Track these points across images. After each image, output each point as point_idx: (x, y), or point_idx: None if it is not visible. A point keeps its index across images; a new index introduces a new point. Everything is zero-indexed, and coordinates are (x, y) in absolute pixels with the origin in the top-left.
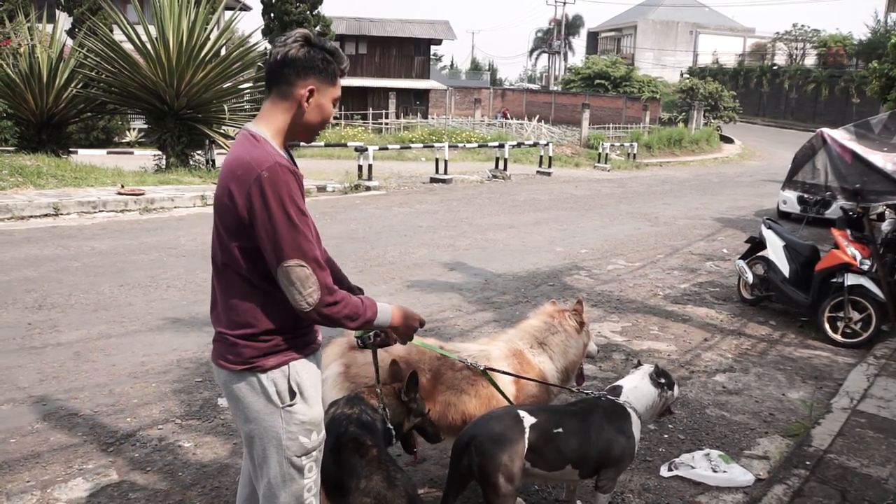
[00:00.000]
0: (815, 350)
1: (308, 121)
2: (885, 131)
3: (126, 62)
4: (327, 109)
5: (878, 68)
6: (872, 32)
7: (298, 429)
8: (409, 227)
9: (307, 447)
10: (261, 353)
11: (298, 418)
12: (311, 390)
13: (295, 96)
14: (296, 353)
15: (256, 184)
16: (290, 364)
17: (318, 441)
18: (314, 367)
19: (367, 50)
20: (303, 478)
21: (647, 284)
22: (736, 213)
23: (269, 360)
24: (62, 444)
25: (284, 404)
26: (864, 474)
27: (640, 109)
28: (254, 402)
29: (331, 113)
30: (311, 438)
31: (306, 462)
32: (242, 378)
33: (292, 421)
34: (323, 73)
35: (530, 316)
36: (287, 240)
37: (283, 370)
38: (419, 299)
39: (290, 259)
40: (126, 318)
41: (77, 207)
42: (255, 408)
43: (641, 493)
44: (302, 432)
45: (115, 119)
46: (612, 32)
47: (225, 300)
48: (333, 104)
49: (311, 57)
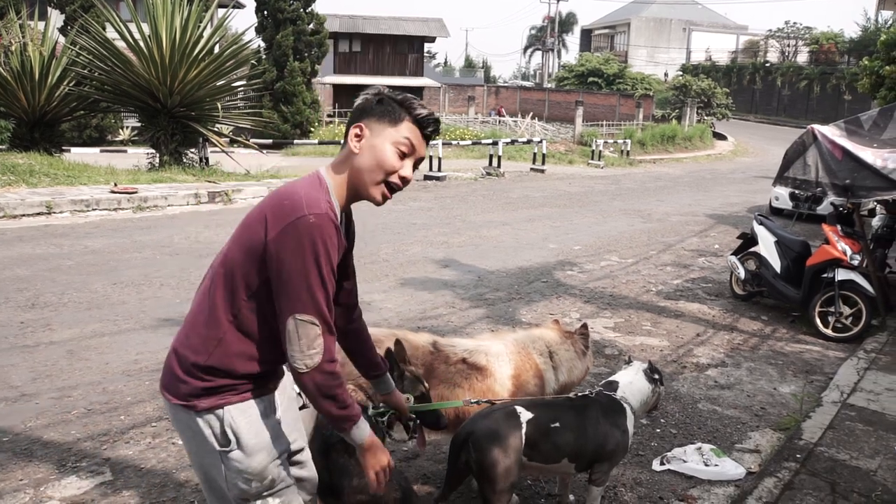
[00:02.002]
0: (807, 345)
1: (360, 166)
2: (874, 128)
3: (119, 60)
4: (383, 149)
5: (868, 65)
6: (863, 30)
7: (236, 476)
8: (402, 224)
9: (249, 493)
10: (195, 391)
11: (235, 466)
12: (251, 438)
13: (347, 141)
14: (235, 395)
15: (300, 224)
16: (226, 409)
17: (264, 488)
18: (257, 412)
19: (361, 47)
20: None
21: (640, 280)
22: (728, 209)
23: (203, 402)
24: (55, 443)
25: (220, 448)
26: (854, 466)
27: (633, 106)
28: (190, 438)
29: (388, 155)
30: (252, 486)
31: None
32: (180, 413)
33: (230, 467)
34: (379, 115)
35: (540, 325)
36: (310, 293)
37: (217, 413)
38: (412, 296)
39: (306, 313)
40: (119, 316)
41: (70, 206)
42: (193, 446)
43: (634, 487)
44: (241, 480)
45: (108, 117)
46: (605, 30)
47: (192, 319)
48: (398, 147)
49: (367, 100)
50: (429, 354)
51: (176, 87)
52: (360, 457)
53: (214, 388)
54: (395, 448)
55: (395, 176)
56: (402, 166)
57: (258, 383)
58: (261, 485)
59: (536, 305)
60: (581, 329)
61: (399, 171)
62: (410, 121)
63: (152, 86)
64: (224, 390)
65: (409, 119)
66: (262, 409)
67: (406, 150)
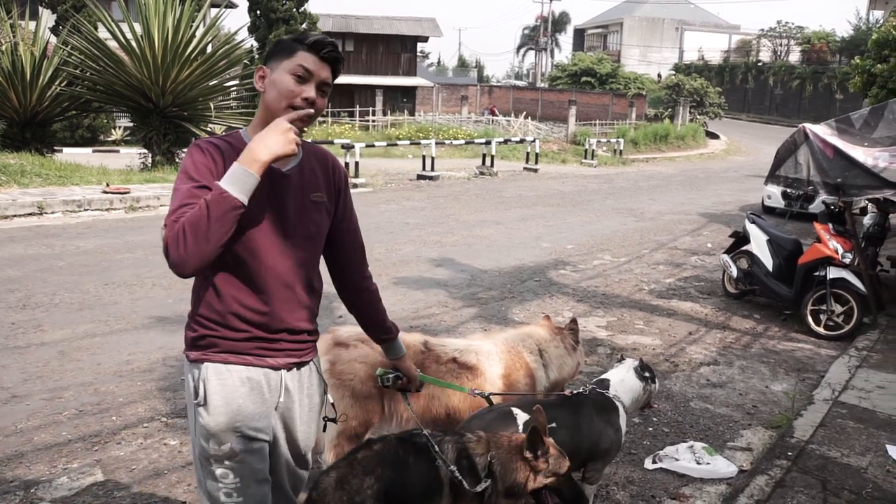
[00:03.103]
0: (799, 343)
1: (267, 101)
2: (865, 126)
3: (111, 60)
4: (282, 80)
5: (860, 64)
6: (855, 29)
7: (200, 430)
8: (396, 224)
9: (208, 452)
10: (188, 341)
11: (200, 421)
12: (217, 399)
13: (256, 85)
14: (215, 354)
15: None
16: (204, 364)
17: (222, 453)
18: (235, 380)
19: (354, 47)
20: (215, 481)
21: (633, 279)
22: (721, 208)
23: (192, 353)
24: (46, 444)
25: (194, 400)
26: (845, 464)
27: (626, 106)
28: (186, 389)
29: (287, 83)
30: (210, 446)
31: (216, 467)
32: (185, 364)
33: (197, 420)
34: (276, 54)
35: (531, 323)
36: (171, 202)
37: (197, 366)
38: (406, 296)
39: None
40: (111, 316)
41: (62, 206)
42: (187, 397)
43: (626, 486)
44: (202, 434)
45: (100, 117)
46: (598, 29)
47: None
48: (294, 73)
49: (269, 48)
50: (420, 354)
51: (168, 87)
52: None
53: (199, 341)
54: None
55: (298, 99)
56: (303, 90)
57: (245, 346)
58: (218, 448)
59: (529, 304)
60: (570, 324)
61: (301, 94)
62: (304, 49)
63: (144, 86)
64: (207, 346)
65: (302, 48)
66: (243, 379)
67: (302, 74)
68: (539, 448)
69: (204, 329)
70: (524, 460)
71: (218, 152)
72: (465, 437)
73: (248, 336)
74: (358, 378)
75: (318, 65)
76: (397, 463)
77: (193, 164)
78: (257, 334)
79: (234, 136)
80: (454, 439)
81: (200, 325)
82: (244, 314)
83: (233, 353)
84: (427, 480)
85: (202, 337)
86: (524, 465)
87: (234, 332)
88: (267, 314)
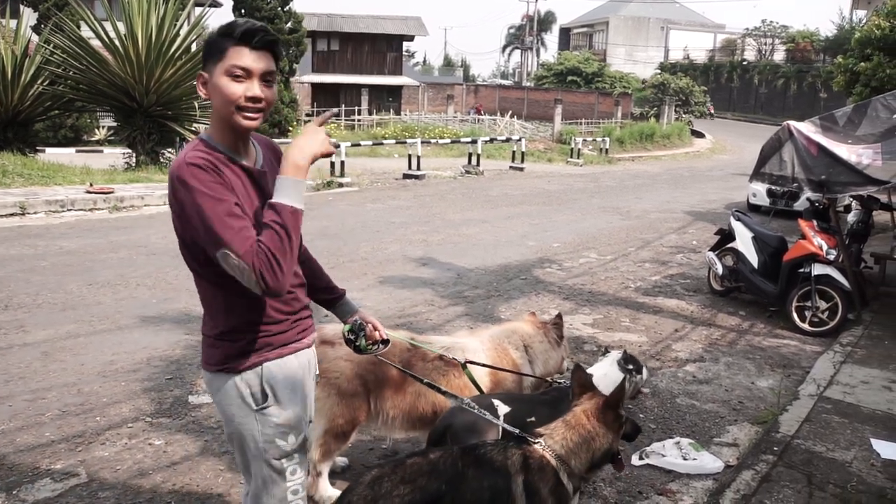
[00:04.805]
0: (784, 339)
1: (215, 107)
2: (849, 124)
3: (94, 59)
4: (220, 84)
5: (843, 63)
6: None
7: (274, 431)
8: (381, 223)
9: (285, 450)
10: (233, 353)
11: (273, 421)
12: (286, 391)
13: (200, 93)
14: (271, 352)
15: (172, 188)
16: (265, 365)
17: (298, 443)
18: (294, 367)
19: (340, 46)
20: (285, 481)
21: (619, 277)
22: (706, 206)
23: (243, 362)
24: (29, 445)
25: (258, 406)
26: (830, 458)
27: (612, 105)
28: (229, 404)
29: (226, 86)
30: (289, 441)
31: (287, 465)
32: (220, 380)
33: (267, 424)
34: (209, 56)
35: (517, 319)
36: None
37: (256, 371)
38: (391, 294)
39: (218, 250)
40: (95, 317)
41: (44, 206)
42: (230, 410)
43: (613, 482)
44: (278, 435)
45: (83, 117)
46: (584, 28)
47: (201, 301)
48: (230, 74)
49: (204, 50)
50: (406, 352)
51: (152, 86)
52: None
53: (249, 347)
54: (374, 446)
55: (243, 99)
56: (246, 89)
57: (289, 335)
58: (296, 441)
59: (515, 303)
60: (555, 319)
61: (245, 94)
62: (233, 43)
63: (128, 85)
64: (259, 348)
65: (231, 43)
66: (300, 363)
67: (239, 73)
68: (622, 401)
69: (250, 335)
70: (607, 426)
71: (213, 167)
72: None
73: (290, 323)
74: (344, 376)
75: (254, 57)
76: (452, 475)
77: (210, 184)
78: (293, 318)
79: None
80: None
81: (243, 333)
82: (279, 306)
83: (285, 346)
84: (491, 496)
85: (251, 342)
86: (607, 432)
87: (279, 325)
88: (294, 298)
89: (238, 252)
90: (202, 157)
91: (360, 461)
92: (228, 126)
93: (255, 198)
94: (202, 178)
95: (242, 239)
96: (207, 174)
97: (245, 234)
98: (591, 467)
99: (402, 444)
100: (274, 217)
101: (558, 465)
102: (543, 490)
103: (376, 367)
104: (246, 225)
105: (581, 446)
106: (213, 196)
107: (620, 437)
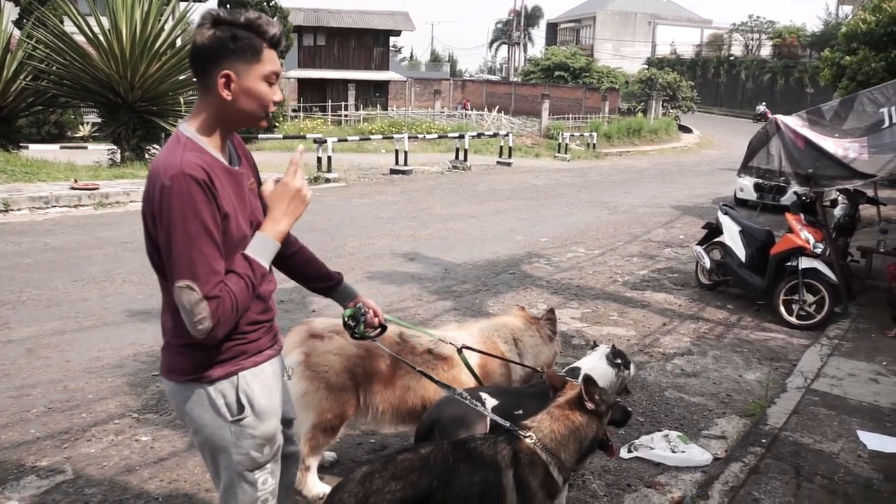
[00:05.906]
0: (771, 332)
1: (242, 109)
2: (836, 118)
3: (77, 54)
4: (259, 91)
5: (829, 57)
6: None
7: (249, 443)
8: (369, 218)
9: (259, 461)
10: (205, 362)
11: (249, 433)
12: (263, 402)
13: (214, 88)
14: (247, 360)
15: (159, 192)
16: (240, 374)
17: (272, 454)
18: (269, 375)
19: (326, 41)
20: (256, 490)
21: (607, 271)
22: (694, 200)
23: (216, 371)
24: (14, 442)
25: (233, 417)
26: (817, 450)
27: (599, 100)
28: (201, 414)
29: (266, 94)
30: (264, 453)
31: (259, 475)
32: (189, 390)
33: (242, 435)
34: (238, 53)
35: (506, 313)
36: (181, 257)
37: (231, 381)
38: (379, 289)
39: (181, 279)
40: (80, 313)
41: (28, 203)
42: (202, 421)
43: (602, 475)
44: (253, 447)
45: (67, 113)
46: (571, 24)
47: (167, 304)
48: (268, 81)
49: (218, 39)
50: (395, 345)
51: (137, 82)
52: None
53: (224, 355)
54: (363, 440)
55: (271, 104)
56: (273, 93)
57: (264, 341)
58: (270, 451)
59: (504, 297)
60: (548, 314)
61: (274, 99)
62: (267, 46)
63: (112, 80)
64: (234, 357)
65: (266, 45)
66: (274, 370)
67: (274, 80)
68: (596, 392)
69: (225, 342)
70: (590, 415)
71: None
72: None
73: (265, 330)
74: (333, 370)
75: (279, 61)
76: (443, 471)
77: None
78: (269, 325)
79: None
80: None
81: (218, 343)
82: (257, 316)
83: (260, 353)
84: (481, 490)
85: (226, 350)
86: (591, 420)
87: (255, 332)
88: (272, 305)
89: (202, 292)
90: (199, 164)
91: (348, 456)
92: (227, 126)
93: (238, 200)
94: (196, 197)
95: (213, 284)
96: (202, 191)
97: (216, 278)
98: (581, 457)
99: (390, 438)
100: (247, 271)
101: (548, 459)
102: (533, 483)
103: (365, 361)
104: (220, 270)
105: (568, 437)
106: (200, 223)
107: (608, 423)
